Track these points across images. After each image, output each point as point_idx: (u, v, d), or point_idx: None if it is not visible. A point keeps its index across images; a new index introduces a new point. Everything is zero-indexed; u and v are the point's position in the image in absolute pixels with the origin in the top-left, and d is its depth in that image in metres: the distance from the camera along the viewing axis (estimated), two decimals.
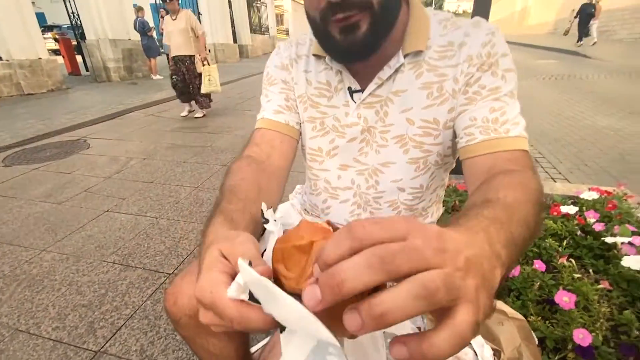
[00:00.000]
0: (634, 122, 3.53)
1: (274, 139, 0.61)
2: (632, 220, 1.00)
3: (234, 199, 0.45)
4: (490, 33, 0.52)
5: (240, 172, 0.52)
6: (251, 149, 0.60)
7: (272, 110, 0.63)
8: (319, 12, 0.48)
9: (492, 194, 0.37)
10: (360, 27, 0.47)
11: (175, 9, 3.83)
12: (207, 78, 4.00)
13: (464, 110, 0.53)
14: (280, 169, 0.60)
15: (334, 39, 0.49)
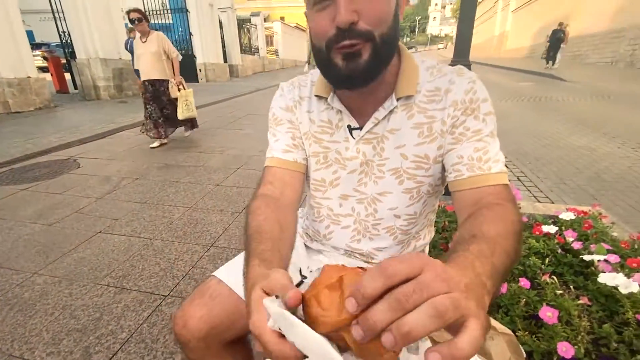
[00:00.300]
0: (607, 143, 3.75)
1: (285, 176, 0.67)
2: (607, 239, 1.08)
3: (262, 239, 0.51)
4: (472, 81, 0.60)
5: (261, 211, 0.58)
6: (266, 188, 0.66)
7: (281, 149, 0.69)
8: (325, 41, 0.54)
9: (477, 229, 0.44)
10: (362, 55, 0.52)
11: (145, 30, 3.61)
12: (184, 103, 3.84)
13: (451, 149, 0.60)
14: (293, 202, 0.66)
15: (337, 66, 0.55)
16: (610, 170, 2.98)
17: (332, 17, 0.51)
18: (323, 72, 0.61)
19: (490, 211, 0.50)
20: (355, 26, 0.50)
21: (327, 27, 0.52)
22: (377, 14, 0.51)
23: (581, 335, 0.74)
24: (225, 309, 0.68)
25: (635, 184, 2.67)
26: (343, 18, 0.49)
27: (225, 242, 1.92)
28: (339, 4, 0.49)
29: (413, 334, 0.23)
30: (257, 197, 0.63)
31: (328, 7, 0.51)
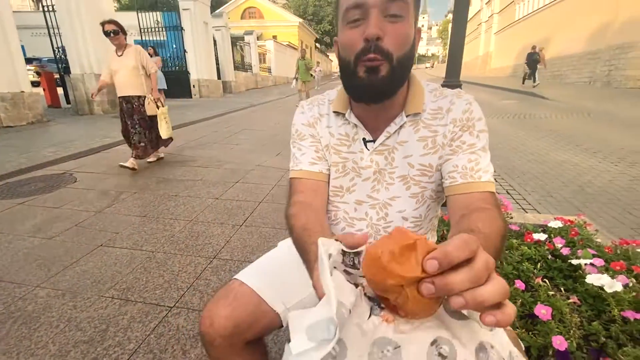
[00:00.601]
0: (589, 158, 3.95)
1: (313, 186, 0.76)
2: (592, 244, 1.18)
3: (312, 233, 0.59)
4: (469, 102, 0.70)
5: (302, 215, 0.67)
6: (298, 196, 0.74)
7: (308, 162, 0.77)
8: (354, 54, 0.63)
9: (474, 226, 0.55)
10: (380, 70, 0.62)
11: (122, 44, 3.37)
12: (163, 120, 3.64)
13: (449, 159, 0.70)
14: (323, 207, 0.75)
15: (359, 77, 0.64)
16: (593, 183, 3.14)
17: (361, 33, 0.61)
18: (346, 83, 0.69)
19: (483, 213, 0.59)
20: (380, 42, 0.60)
21: (357, 41, 0.62)
22: (397, 39, 0.61)
23: (572, 330, 0.81)
24: (247, 309, 0.74)
25: (616, 197, 2.82)
26: (372, 31, 0.59)
27: (228, 255, 1.95)
28: (371, 20, 0.59)
29: (485, 303, 0.30)
30: (293, 205, 0.71)
31: (360, 25, 0.61)
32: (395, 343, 0.37)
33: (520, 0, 21.51)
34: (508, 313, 0.31)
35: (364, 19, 0.61)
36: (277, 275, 0.81)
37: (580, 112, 7.31)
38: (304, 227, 0.63)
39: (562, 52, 15.73)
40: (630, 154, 4.04)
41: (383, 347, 0.37)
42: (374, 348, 0.37)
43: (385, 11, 0.60)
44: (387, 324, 0.38)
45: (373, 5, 0.59)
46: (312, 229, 0.61)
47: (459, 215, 0.63)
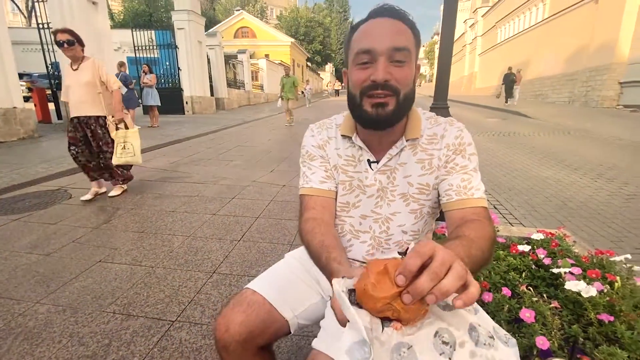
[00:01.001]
0: (570, 174, 4.15)
1: (323, 202, 0.84)
2: (571, 255, 1.28)
3: (330, 249, 0.69)
4: (460, 130, 0.81)
5: (317, 230, 0.76)
6: (310, 213, 0.82)
7: (318, 180, 0.86)
8: (359, 90, 0.73)
9: (461, 232, 0.66)
10: (388, 105, 0.72)
11: (77, 56, 2.90)
12: (120, 145, 3.07)
13: (444, 179, 0.80)
14: (332, 221, 0.84)
15: (366, 112, 0.74)
16: (575, 198, 3.30)
17: (369, 74, 0.71)
18: (355, 114, 0.79)
19: (472, 223, 0.70)
20: (388, 82, 0.70)
21: (365, 80, 0.72)
22: (403, 78, 0.71)
23: (554, 332, 0.90)
24: (260, 316, 0.80)
25: (596, 211, 2.98)
26: (381, 76, 0.69)
27: (227, 269, 1.99)
28: (379, 66, 0.69)
29: (449, 291, 0.39)
30: (307, 221, 0.80)
31: (368, 68, 0.71)
32: (407, 344, 0.46)
33: (501, 24, 22.66)
34: (471, 292, 0.40)
35: (372, 63, 0.70)
36: (285, 285, 0.88)
37: (561, 130, 7.66)
38: (322, 243, 0.72)
39: (542, 73, 16.53)
40: (607, 170, 4.27)
41: (399, 350, 0.45)
42: (393, 354, 0.45)
43: (391, 58, 0.69)
44: (397, 331, 0.47)
45: (381, 53, 0.69)
46: (330, 245, 0.71)
47: (454, 227, 0.73)
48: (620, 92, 11.40)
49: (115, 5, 27.53)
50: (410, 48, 0.71)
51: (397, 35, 0.70)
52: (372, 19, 0.72)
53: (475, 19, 28.93)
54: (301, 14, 36.34)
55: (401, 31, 0.71)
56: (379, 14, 0.72)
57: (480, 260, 0.60)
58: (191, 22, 11.97)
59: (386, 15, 0.71)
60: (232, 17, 30.23)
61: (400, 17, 0.71)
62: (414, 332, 0.46)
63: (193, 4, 12.08)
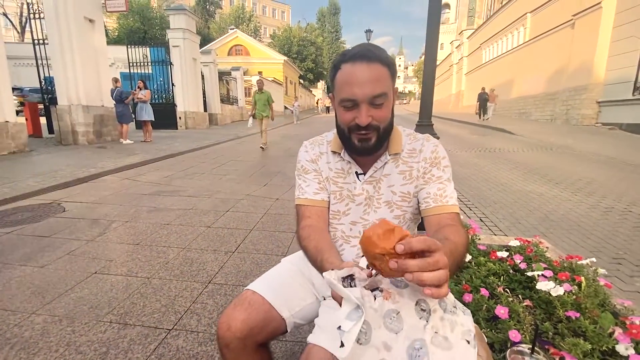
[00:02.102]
0: (552, 188, 4.34)
1: (318, 212, 0.95)
2: (544, 259, 1.39)
3: (325, 251, 0.79)
4: (435, 145, 0.93)
5: (313, 236, 0.86)
6: (307, 221, 0.93)
7: (312, 192, 0.96)
8: (347, 127, 0.86)
9: (447, 235, 0.76)
10: (371, 139, 0.85)
11: None
12: None
13: (423, 187, 0.91)
14: (326, 227, 0.95)
15: (354, 143, 0.87)
16: (556, 211, 3.46)
17: (354, 117, 0.83)
18: (344, 144, 0.92)
19: (452, 228, 0.81)
20: (370, 123, 0.82)
21: (350, 120, 0.84)
22: (382, 117, 0.84)
23: (526, 326, 0.99)
24: (260, 315, 0.88)
25: (577, 223, 3.13)
26: (364, 121, 0.81)
27: (223, 279, 2.04)
28: (362, 112, 0.81)
29: (425, 284, 0.50)
30: (304, 228, 0.90)
31: (352, 110, 0.83)
32: (396, 310, 0.58)
33: (486, 45, 23.69)
34: (442, 292, 0.51)
35: (355, 107, 0.82)
36: (282, 287, 0.96)
37: (544, 147, 7.97)
38: (317, 248, 0.82)
39: (525, 92, 17.22)
40: (587, 184, 4.48)
41: (389, 315, 0.58)
42: (385, 318, 0.57)
43: (371, 103, 0.80)
44: (387, 300, 0.58)
45: (362, 101, 0.80)
46: (324, 248, 0.81)
47: (434, 230, 0.84)
48: (599, 110, 11.95)
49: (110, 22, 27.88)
50: (387, 91, 0.81)
51: (375, 83, 0.79)
52: (351, 63, 0.80)
53: (461, 40, 30.17)
54: (294, 33, 37.34)
55: (378, 77, 0.79)
56: (358, 57, 0.80)
57: (459, 263, 0.71)
58: (186, 40, 12.24)
59: (365, 60, 0.79)
60: (227, 35, 30.87)
61: (377, 59, 0.80)
62: (401, 301, 0.58)
63: (188, 23, 12.39)
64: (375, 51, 0.81)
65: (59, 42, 7.16)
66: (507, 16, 19.80)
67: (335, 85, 0.85)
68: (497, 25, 21.48)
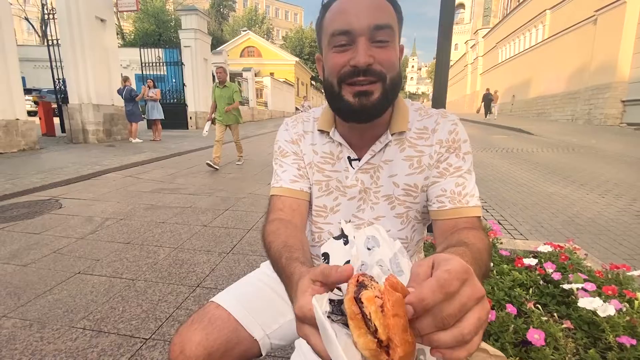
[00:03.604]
0: (576, 190, 4.01)
1: (293, 204, 0.73)
2: (583, 269, 1.15)
3: (293, 250, 0.56)
4: (454, 123, 0.70)
5: (281, 232, 0.64)
6: (277, 214, 0.71)
7: (289, 179, 0.75)
8: (337, 77, 0.63)
9: (466, 240, 0.54)
10: (373, 94, 0.62)
11: None
12: None
13: (436, 182, 0.68)
14: (302, 226, 0.73)
15: (348, 102, 0.63)
16: (583, 214, 3.16)
17: (348, 58, 0.61)
18: (334, 105, 0.68)
19: (472, 231, 0.59)
20: (371, 67, 0.60)
21: (343, 65, 0.62)
22: (388, 60, 0.61)
23: (568, 357, 0.77)
24: (223, 335, 0.68)
25: (606, 228, 2.83)
26: (362, 60, 0.59)
27: (212, 283, 1.87)
28: (359, 49, 0.59)
29: (439, 347, 0.31)
30: (271, 222, 0.68)
31: (347, 51, 0.61)
32: None
33: (502, 45, 23.05)
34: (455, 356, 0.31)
35: (350, 45, 0.61)
36: (257, 299, 0.76)
37: (565, 147, 7.55)
38: (285, 244, 0.59)
39: (544, 92, 16.60)
40: (615, 186, 4.13)
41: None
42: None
43: (373, 38, 0.60)
44: None
45: (360, 33, 0.59)
46: (294, 246, 0.58)
47: (446, 236, 0.63)
48: (623, 110, 11.34)
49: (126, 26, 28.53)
50: (393, 25, 0.62)
51: (377, 12, 0.60)
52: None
53: (476, 40, 29.51)
54: (306, 34, 37.36)
55: (382, 6, 0.61)
56: None
57: (485, 275, 0.51)
58: (197, 40, 12.28)
59: None
60: (239, 37, 31.11)
61: None
62: None
63: (200, 23, 12.43)
64: None
65: (70, 41, 7.23)
66: (525, 14, 19.19)
67: (324, 27, 0.65)
68: (514, 24, 20.86)
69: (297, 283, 0.42)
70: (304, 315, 0.37)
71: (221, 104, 5.17)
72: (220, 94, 5.16)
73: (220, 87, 5.16)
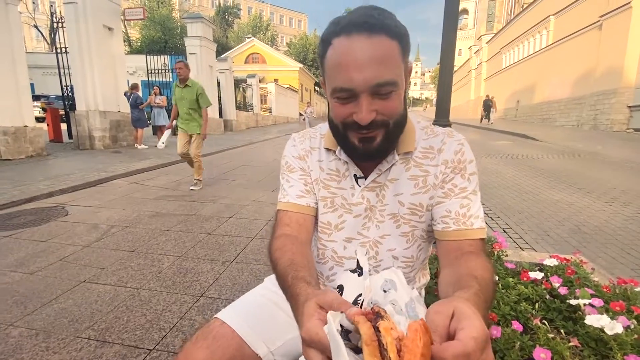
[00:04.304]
0: (582, 197, 3.97)
1: (299, 219, 0.73)
2: (590, 284, 1.14)
3: (299, 268, 0.57)
4: (461, 143, 0.70)
5: (288, 248, 0.65)
6: (284, 229, 0.72)
7: (296, 195, 0.75)
8: (341, 123, 0.64)
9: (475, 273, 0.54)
10: (376, 139, 0.63)
11: None
12: None
13: (441, 202, 0.69)
14: (308, 241, 0.73)
15: (353, 144, 0.65)
16: (589, 222, 3.12)
17: (351, 112, 0.60)
18: (339, 143, 0.70)
19: (478, 259, 0.60)
20: (374, 120, 0.60)
21: (347, 116, 0.62)
22: (391, 109, 0.61)
23: None
24: (227, 352, 0.68)
25: (613, 237, 2.80)
26: (365, 118, 0.59)
27: (216, 293, 1.87)
28: (362, 106, 0.58)
29: None
30: (278, 237, 0.69)
31: (350, 103, 0.60)
32: None
33: (506, 50, 23.04)
34: None
35: (353, 98, 0.60)
36: (262, 315, 0.76)
37: (571, 153, 7.49)
38: (291, 262, 0.59)
39: (549, 97, 16.52)
40: (622, 194, 4.08)
41: None
42: None
43: (375, 93, 0.58)
44: None
45: (362, 90, 0.58)
46: (299, 264, 0.58)
47: (451, 258, 0.64)
48: (630, 115, 11.24)
49: (133, 33, 28.96)
50: (396, 79, 0.59)
51: (380, 66, 0.57)
52: (346, 35, 0.57)
53: (480, 45, 29.53)
54: (310, 41, 37.64)
55: (385, 57, 0.57)
56: (355, 27, 0.57)
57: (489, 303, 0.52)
58: (203, 47, 12.42)
59: (364, 31, 0.56)
60: (244, 43, 31.44)
61: (382, 29, 0.57)
62: None
63: (205, 31, 12.59)
64: (380, 17, 0.58)
65: (78, 50, 7.35)
66: (529, 19, 19.20)
67: (326, 68, 0.62)
68: (518, 29, 20.87)
69: (303, 305, 0.44)
70: (311, 339, 0.38)
71: (182, 108, 4.10)
72: (182, 95, 4.08)
73: (181, 87, 4.09)
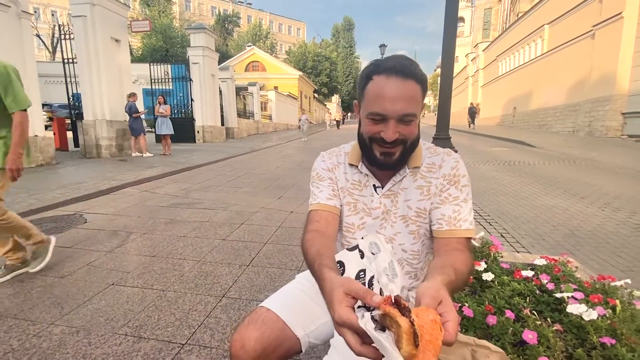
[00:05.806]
0: (576, 202, 4.15)
1: (328, 217, 0.91)
2: (574, 280, 1.31)
3: (324, 257, 0.72)
4: (456, 161, 0.90)
5: (317, 241, 0.81)
6: (314, 225, 0.89)
7: (325, 197, 0.94)
8: (370, 136, 0.84)
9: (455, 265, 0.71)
10: (395, 154, 0.83)
11: None
12: None
13: (438, 207, 0.88)
14: (334, 236, 0.91)
15: (376, 156, 0.85)
16: (583, 227, 3.30)
17: (379, 130, 0.81)
18: (364, 154, 0.90)
19: (461, 255, 0.78)
20: (397, 138, 0.81)
21: (376, 133, 0.82)
22: (410, 132, 0.82)
23: (557, 353, 0.92)
24: (274, 333, 0.85)
25: (606, 241, 2.97)
26: (391, 137, 0.80)
27: (236, 294, 2.02)
28: (389, 128, 0.80)
29: None
30: (309, 232, 0.86)
31: (379, 124, 0.81)
32: None
33: (502, 58, 23.45)
34: None
35: (383, 121, 0.80)
36: (297, 304, 0.93)
37: (566, 160, 7.70)
38: (318, 252, 0.76)
39: (545, 104, 16.83)
40: (614, 199, 4.26)
41: None
42: None
43: (400, 120, 0.79)
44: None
45: (392, 117, 0.79)
46: (325, 254, 0.75)
47: (441, 252, 0.83)
48: (624, 122, 11.51)
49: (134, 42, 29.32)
50: (416, 112, 0.81)
51: (408, 103, 0.78)
52: (386, 76, 0.78)
53: (476, 53, 30.02)
54: (309, 49, 38.16)
55: (412, 95, 0.78)
56: (393, 72, 0.78)
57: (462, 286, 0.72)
58: (205, 57, 12.68)
59: (400, 75, 0.77)
60: (244, 52, 31.85)
61: (412, 76, 0.78)
62: None
63: (208, 41, 12.87)
64: (411, 67, 0.79)
65: (86, 61, 7.56)
66: (524, 28, 19.62)
67: (365, 96, 0.83)
68: (513, 38, 21.29)
69: (331, 291, 0.57)
70: (343, 321, 0.51)
71: None
72: None
73: None
